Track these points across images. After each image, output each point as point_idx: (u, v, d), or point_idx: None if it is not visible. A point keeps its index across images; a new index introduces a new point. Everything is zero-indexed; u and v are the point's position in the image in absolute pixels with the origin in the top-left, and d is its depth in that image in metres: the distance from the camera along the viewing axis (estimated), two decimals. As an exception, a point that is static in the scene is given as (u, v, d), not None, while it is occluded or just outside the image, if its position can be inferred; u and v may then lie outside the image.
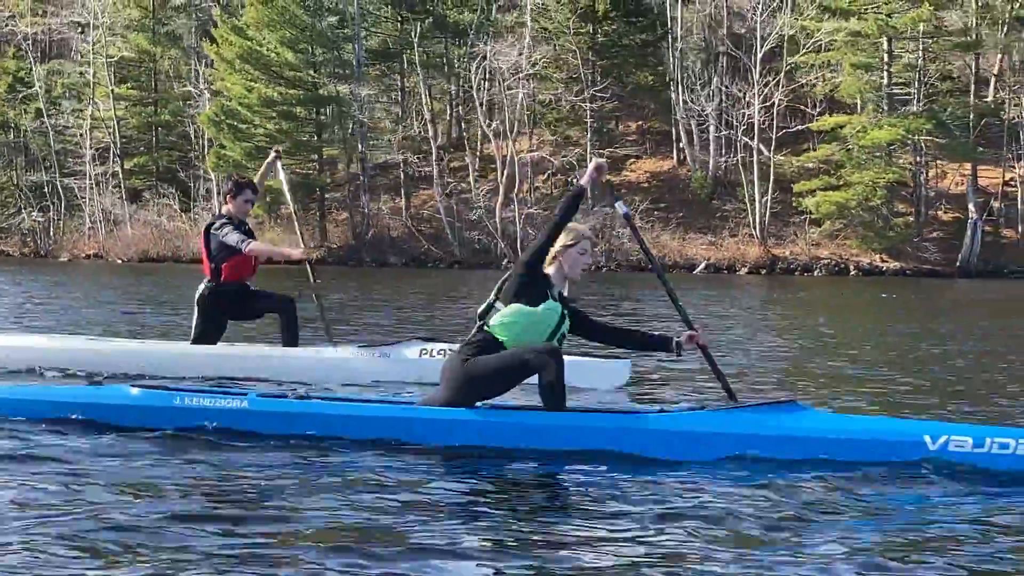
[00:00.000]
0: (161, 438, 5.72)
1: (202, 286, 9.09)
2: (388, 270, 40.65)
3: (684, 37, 44.76)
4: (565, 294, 6.05)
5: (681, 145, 45.25)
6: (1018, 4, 40.76)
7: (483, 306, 5.88)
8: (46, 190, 52.64)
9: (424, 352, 8.54)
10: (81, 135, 51.54)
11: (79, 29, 53.77)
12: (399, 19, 46.79)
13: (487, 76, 43.74)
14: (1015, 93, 42.27)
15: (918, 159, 41.48)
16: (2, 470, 4.99)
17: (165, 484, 4.80)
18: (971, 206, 39.94)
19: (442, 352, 8.21)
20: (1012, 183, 42.31)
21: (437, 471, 5.25)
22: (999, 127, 42.09)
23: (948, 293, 29.81)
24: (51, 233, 52.20)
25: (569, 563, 3.88)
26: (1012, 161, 42.03)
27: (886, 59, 40.19)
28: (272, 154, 9.85)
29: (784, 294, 27.78)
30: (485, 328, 5.81)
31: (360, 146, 45.61)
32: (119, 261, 45.81)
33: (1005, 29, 41.78)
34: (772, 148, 40.86)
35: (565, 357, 5.70)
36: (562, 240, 5.89)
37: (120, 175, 50.82)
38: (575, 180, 5.89)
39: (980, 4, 41.14)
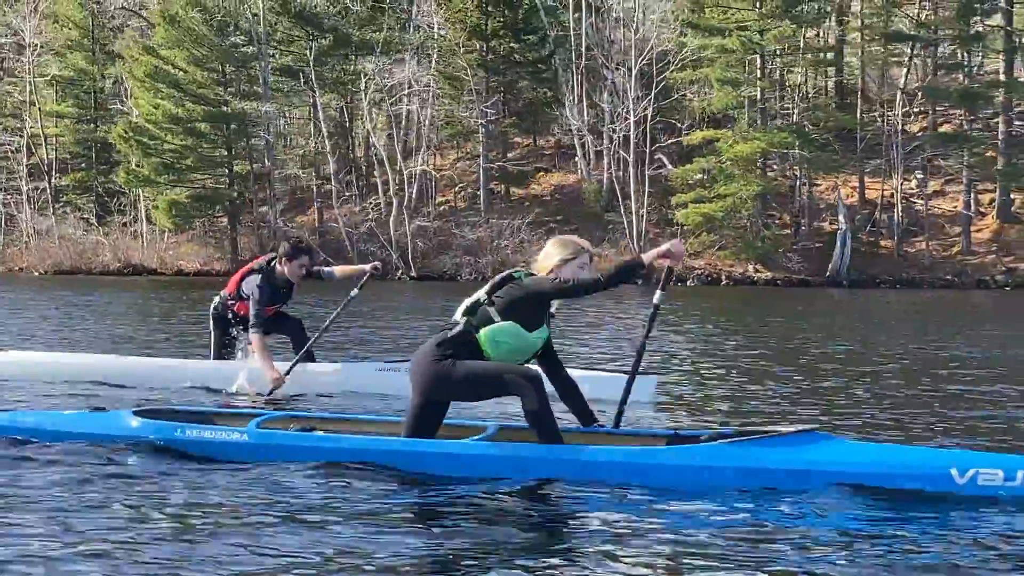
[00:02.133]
0: (158, 463, 5.76)
1: (217, 299, 9.30)
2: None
3: (583, 53, 45.79)
4: (552, 310, 5.82)
5: (576, 159, 46.33)
6: (886, 21, 41.57)
7: (470, 301, 5.66)
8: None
9: None
10: (14, 151, 53.43)
11: (15, 49, 55.64)
12: (310, 38, 48.11)
13: (385, 92, 44.94)
14: (888, 108, 43.09)
15: (793, 171, 42.35)
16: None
17: (155, 509, 4.87)
18: (841, 217, 40.74)
19: None
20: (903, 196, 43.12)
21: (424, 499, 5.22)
22: (877, 140, 42.95)
23: (822, 302, 30.37)
24: (-9, 247, 53.98)
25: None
26: (888, 174, 42.81)
27: (758, 74, 41.13)
28: (369, 268, 9.48)
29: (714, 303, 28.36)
30: (469, 330, 5.61)
31: (267, 161, 46.99)
32: (36, 274, 47.43)
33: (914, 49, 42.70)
34: (646, 161, 41.89)
35: (589, 373, 5.61)
36: (560, 253, 5.70)
37: (48, 190, 52.52)
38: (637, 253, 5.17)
39: (849, 21, 41.97)
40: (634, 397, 7.86)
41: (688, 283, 40.54)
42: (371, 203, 45.70)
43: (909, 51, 45.29)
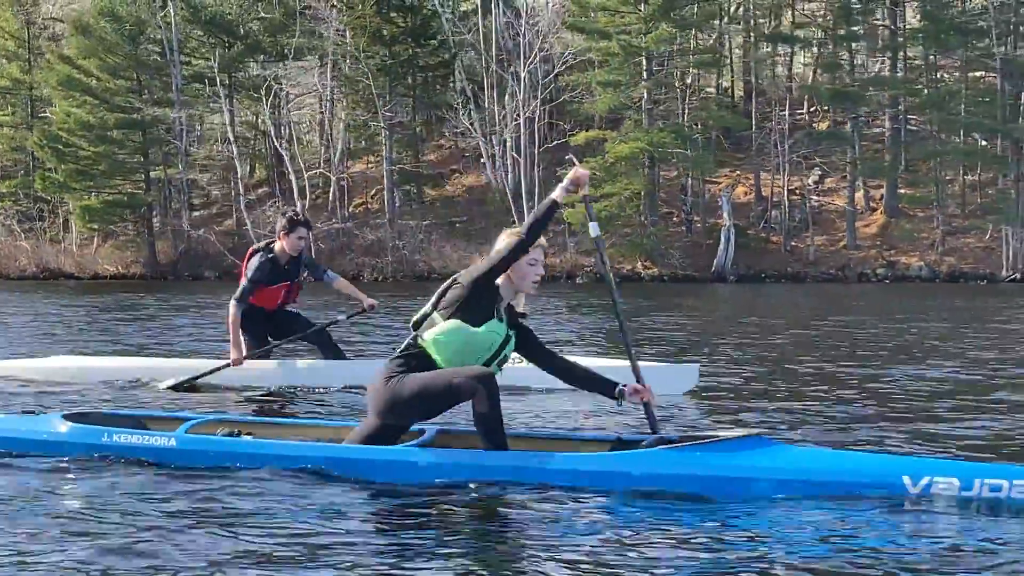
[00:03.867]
0: (90, 468, 5.57)
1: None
2: (202, 283, 43.02)
3: (488, 57, 46.76)
4: (518, 308, 5.55)
5: (483, 160, 47.33)
6: (766, 23, 42.46)
7: (418, 315, 5.40)
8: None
9: None
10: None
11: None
12: (225, 45, 49.14)
13: (286, 99, 46.00)
14: (773, 107, 44.03)
15: (684, 171, 43.27)
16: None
17: (94, 517, 4.67)
18: (725, 214, 41.65)
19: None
20: (796, 193, 44.05)
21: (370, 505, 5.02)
22: (767, 139, 43.88)
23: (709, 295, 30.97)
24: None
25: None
26: (776, 172, 43.74)
27: (644, 76, 42.02)
28: (367, 305, 9.27)
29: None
30: (418, 341, 5.35)
31: (181, 167, 48.04)
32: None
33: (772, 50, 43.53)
34: (535, 162, 42.91)
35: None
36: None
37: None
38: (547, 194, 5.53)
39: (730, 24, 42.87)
40: (677, 387, 8.36)
41: (578, 280, 41.51)
42: (274, 207, 46.68)
43: (816, 50, 46.19)
